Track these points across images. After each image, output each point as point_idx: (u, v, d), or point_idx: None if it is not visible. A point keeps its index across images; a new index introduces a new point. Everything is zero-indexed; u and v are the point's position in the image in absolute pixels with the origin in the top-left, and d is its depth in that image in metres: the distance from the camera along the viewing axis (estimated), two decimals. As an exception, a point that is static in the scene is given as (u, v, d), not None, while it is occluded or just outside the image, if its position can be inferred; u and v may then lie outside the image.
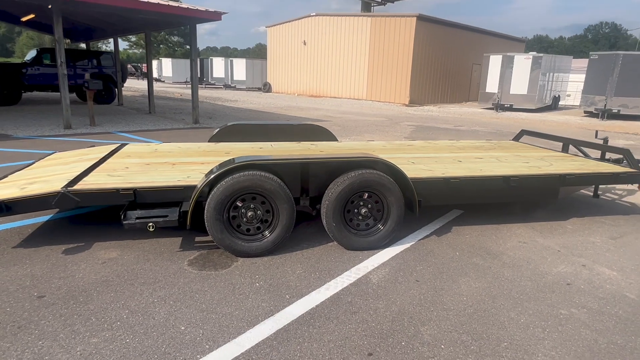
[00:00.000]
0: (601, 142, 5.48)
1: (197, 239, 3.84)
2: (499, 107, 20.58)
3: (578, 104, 24.52)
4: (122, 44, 72.07)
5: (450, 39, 24.73)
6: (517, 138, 6.52)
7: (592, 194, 5.74)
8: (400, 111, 19.93)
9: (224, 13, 11.29)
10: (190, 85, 12.49)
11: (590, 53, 19.29)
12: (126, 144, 5.34)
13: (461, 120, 16.70)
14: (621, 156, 5.08)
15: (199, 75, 40.29)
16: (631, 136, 13.34)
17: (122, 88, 18.29)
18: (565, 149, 5.73)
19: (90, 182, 3.50)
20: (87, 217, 4.30)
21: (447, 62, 24.98)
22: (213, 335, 2.46)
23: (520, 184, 4.18)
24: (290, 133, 5.91)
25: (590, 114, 19.59)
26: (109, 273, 3.15)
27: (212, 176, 3.29)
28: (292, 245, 3.70)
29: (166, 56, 56.89)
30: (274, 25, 30.01)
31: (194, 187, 3.48)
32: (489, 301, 2.95)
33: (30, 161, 4.83)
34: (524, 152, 5.49)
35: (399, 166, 3.70)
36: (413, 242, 3.92)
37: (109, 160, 4.38)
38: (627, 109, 17.61)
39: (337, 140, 6.04)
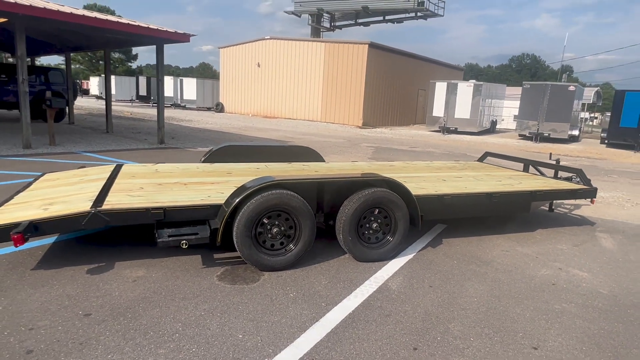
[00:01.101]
0: (553, 162, 6.33)
1: (216, 256, 3.99)
2: (445, 130, 22.11)
3: (510, 127, 27.01)
4: (57, 59, 68.23)
5: (398, 65, 26.30)
6: (481, 159, 7.27)
7: (547, 208, 6.54)
8: (355, 133, 20.77)
9: (193, 35, 11.41)
10: (134, 104, 12.35)
11: (523, 83, 21.44)
12: (121, 164, 5.34)
13: (414, 142, 17.77)
14: (572, 174, 5.92)
15: (144, 94, 39.41)
16: (562, 157, 14.95)
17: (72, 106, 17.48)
18: (526, 169, 6.51)
19: (116, 202, 3.57)
20: (93, 238, 4.29)
21: (396, 87, 26.47)
22: (271, 341, 2.67)
23: (500, 199, 4.77)
24: (281, 154, 6.19)
25: (524, 137, 21.62)
26: (144, 290, 3.24)
27: (244, 195, 3.51)
28: (309, 259, 3.96)
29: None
30: (227, 46, 30.18)
31: (219, 205, 3.67)
32: (496, 301, 3.41)
33: (21, 180, 4.71)
34: (493, 171, 6.18)
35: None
36: (414, 254, 4.34)
37: (117, 181, 4.40)
38: (556, 133, 19.70)
39: (324, 161, 6.41)
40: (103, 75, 47.36)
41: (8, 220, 3.22)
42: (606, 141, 19.65)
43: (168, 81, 37.00)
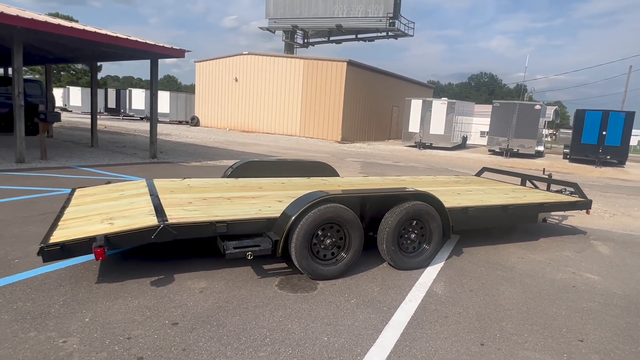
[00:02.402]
0: (546, 176, 6.93)
1: (265, 267, 4.18)
2: (421, 145, 22.99)
3: (477, 143, 28.38)
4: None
5: (373, 82, 27.18)
6: (479, 174, 7.81)
7: (541, 219, 7.11)
8: (336, 148, 21.22)
9: (188, 51, 11.54)
10: (102, 116, 12.34)
11: (493, 101, 22.71)
12: (151, 179, 5.42)
13: (395, 157, 18.41)
14: (562, 187, 6.52)
15: (113, 107, 38.43)
16: (533, 171, 15.97)
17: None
18: (523, 183, 7.07)
19: (180, 216, 3.72)
20: (132, 253, 4.37)
21: (372, 104, 27.30)
22: (356, 342, 2.92)
23: (514, 211, 5.24)
24: (300, 170, 6.45)
25: (494, 152, 22.80)
26: (216, 300, 3.40)
27: (303, 208, 3.75)
28: (352, 269, 4.22)
29: (69, 84, 52.83)
30: (204, 60, 30.14)
31: (275, 218, 3.90)
32: (531, 302, 3.80)
33: (34, 196, 4.72)
34: (496, 186, 6.70)
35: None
36: (443, 262, 4.70)
37: (161, 195, 4.52)
38: (524, 149, 20.94)
39: (339, 176, 6.71)
40: (68, 87, 45.92)
41: (83, 234, 3.31)
42: (569, 156, 21.06)
43: (139, 94, 36.39)
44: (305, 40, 41.06)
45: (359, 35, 38.93)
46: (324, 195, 3.89)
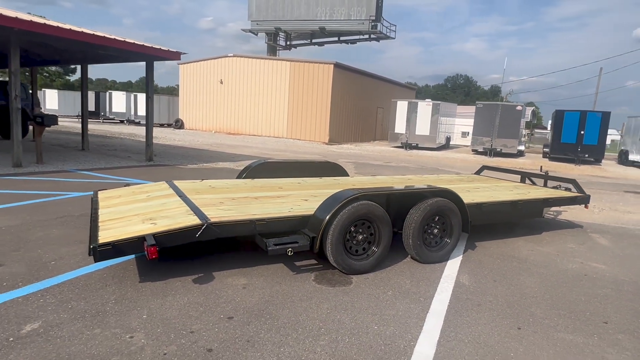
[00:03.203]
0: (543, 173, 7.29)
1: (297, 263, 4.32)
2: (407, 145, 23.43)
3: (459, 143, 29.08)
4: None
5: (359, 84, 27.53)
6: (479, 172, 8.12)
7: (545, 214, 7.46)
8: (325, 149, 21.42)
9: (184, 53, 11.53)
10: (83, 119, 12.64)
11: (477, 102, 23.35)
12: (170, 181, 5.47)
13: (384, 157, 18.72)
14: (558, 184, 6.89)
15: (92, 109, 37.61)
16: (518, 170, 16.53)
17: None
18: (522, 180, 7.41)
19: (219, 216, 3.82)
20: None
21: (358, 105, 27.64)
22: (405, 329, 3.10)
23: (522, 206, 5.53)
24: (311, 170, 6.61)
25: (476, 152, 23.43)
26: (262, 295, 3.53)
27: (338, 206, 3.91)
28: (379, 264, 4.40)
29: (42, 86, 51.35)
30: (187, 62, 29.88)
31: (309, 216, 4.05)
32: (552, 290, 4.06)
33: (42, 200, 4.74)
34: (498, 183, 7.01)
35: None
36: (461, 255, 4.93)
37: (190, 196, 4.60)
38: (507, 148, 21.61)
39: (348, 175, 6.90)
40: (44, 89, 44.63)
41: (131, 233, 3.39)
42: (549, 155, 21.85)
43: (119, 96, 35.79)
44: (288, 43, 41.17)
45: (342, 38, 39.29)
46: (357, 193, 4.06)
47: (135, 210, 4.16)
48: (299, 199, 4.80)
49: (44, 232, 4.88)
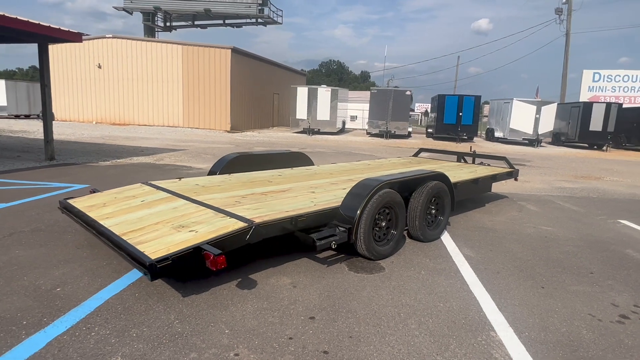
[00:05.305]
0: (472, 152, 8.34)
1: (319, 257, 4.34)
2: (310, 131, 23.99)
3: (351, 127, 30.83)
4: None
5: (255, 70, 27.06)
6: (416, 154, 8.88)
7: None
8: (230, 138, 20.75)
9: (86, 35, 10.08)
10: None
11: (371, 88, 24.91)
12: (144, 184, 4.92)
13: (292, 143, 18.92)
14: (482, 161, 7.98)
15: None
16: (408, 149, 18.31)
17: None
18: (458, 160, 8.35)
19: (258, 216, 3.64)
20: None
21: (256, 91, 27.21)
22: (465, 302, 3.42)
23: (481, 183, 6.31)
24: (283, 161, 6.54)
25: (372, 135, 25.14)
26: (320, 292, 3.50)
27: (368, 195, 4.03)
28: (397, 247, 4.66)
29: None
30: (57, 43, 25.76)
31: (337, 208, 4.11)
32: (535, 252, 4.79)
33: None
34: (442, 164, 7.79)
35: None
36: (446, 231, 5.46)
37: (196, 198, 4.24)
38: (400, 130, 23.62)
39: (314, 164, 6.98)
40: None
41: (182, 244, 3.06)
42: (433, 135, 24.52)
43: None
44: (168, 24, 38.27)
45: (227, 21, 37.99)
46: (380, 182, 4.23)
47: (151, 218, 3.70)
48: (305, 191, 4.77)
49: (6, 255, 4.01)
